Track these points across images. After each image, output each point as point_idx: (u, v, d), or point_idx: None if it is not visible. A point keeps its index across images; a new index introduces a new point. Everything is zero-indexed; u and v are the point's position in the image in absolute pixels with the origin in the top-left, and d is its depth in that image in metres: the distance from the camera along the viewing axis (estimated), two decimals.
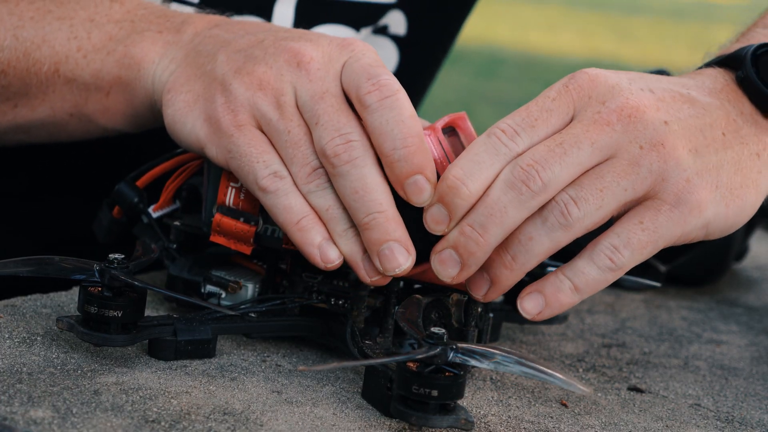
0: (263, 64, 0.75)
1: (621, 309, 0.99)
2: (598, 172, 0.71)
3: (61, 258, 0.73)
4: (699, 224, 0.73)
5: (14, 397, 0.66)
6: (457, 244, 0.71)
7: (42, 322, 0.77)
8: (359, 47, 0.74)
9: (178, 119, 0.77)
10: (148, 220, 0.83)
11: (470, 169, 0.70)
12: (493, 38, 7.60)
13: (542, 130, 0.72)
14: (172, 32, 0.82)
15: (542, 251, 0.71)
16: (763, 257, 1.20)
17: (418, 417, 0.67)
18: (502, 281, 0.73)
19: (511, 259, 0.72)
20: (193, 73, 0.78)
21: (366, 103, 0.71)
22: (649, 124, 0.72)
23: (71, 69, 0.84)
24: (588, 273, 0.72)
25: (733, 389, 0.84)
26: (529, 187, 0.70)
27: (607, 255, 0.72)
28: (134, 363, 0.73)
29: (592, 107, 0.72)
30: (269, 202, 0.73)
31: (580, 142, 0.71)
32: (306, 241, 0.72)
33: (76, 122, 0.86)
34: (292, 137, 0.73)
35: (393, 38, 1.05)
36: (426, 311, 0.76)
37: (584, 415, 0.75)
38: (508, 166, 0.70)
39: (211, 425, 0.66)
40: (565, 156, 0.70)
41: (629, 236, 0.72)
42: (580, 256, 0.73)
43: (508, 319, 0.87)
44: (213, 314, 0.76)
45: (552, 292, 0.73)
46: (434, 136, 0.77)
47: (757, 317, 1.01)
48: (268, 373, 0.75)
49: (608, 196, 0.71)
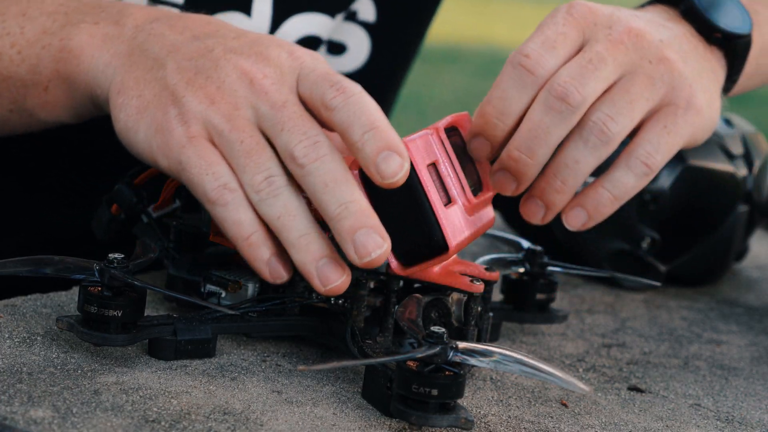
0: (215, 79, 0.75)
1: (621, 309, 0.99)
2: (624, 87, 0.78)
3: (60, 258, 0.73)
4: (702, 126, 0.81)
5: (14, 397, 0.66)
6: (510, 167, 0.77)
7: (42, 322, 0.77)
8: (307, 58, 0.75)
9: (131, 126, 0.76)
10: (147, 219, 0.83)
11: (503, 106, 0.77)
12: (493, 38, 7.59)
13: (562, 50, 0.78)
14: (111, 24, 0.81)
15: (588, 170, 0.78)
16: (763, 257, 1.20)
17: (418, 416, 0.67)
18: (556, 204, 0.79)
19: (562, 184, 0.78)
20: (141, 76, 0.77)
21: (332, 105, 0.72)
22: (652, 42, 0.80)
23: (6, 66, 0.83)
24: (626, 181, 0.79)
25: (733, 389, 0.84)
26: (569, 103, 0.75)
27: (643, 161, 0.79)
28: (134, 363, 0.73)
29: (601, 31, 0.79)
30: (219, 215, 0.73)
31: (605, 58, 0.77)
32: (255, 257, 0.73)
33: (17, 118, 0.85)
34: (244, 146, 0.73)
35: (363, 25, 1.05)
36: (426, 310, 0.76)
37: (584, 415, 0.75)
38: (544, 91, 0.76)
39: (211, 425, 0.66)
40: (596, 71, 0.77)
41: (659, 141, 0.79)
42: (617, 167, 0.79)
43: (508, 319, 0.87)
44: (213, 314, 0.76)
45: (594, 205, 0.79)
46: (436, 135, 0.77)
47: (757, 317, 1.01)
48: (268, 373, 0.75)
49: (637, 108, 0.78)
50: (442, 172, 0.76)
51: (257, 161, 0.72)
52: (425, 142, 0.75)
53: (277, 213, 0.72)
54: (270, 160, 0.72)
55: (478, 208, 0.79)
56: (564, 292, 1.00)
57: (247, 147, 0.73)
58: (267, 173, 0.72)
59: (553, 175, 0.78)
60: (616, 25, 0.79)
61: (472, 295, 0.77)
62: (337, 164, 0.71)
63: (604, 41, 0.78)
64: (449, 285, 0.76)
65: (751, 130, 1.09)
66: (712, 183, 1.03)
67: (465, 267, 0.77)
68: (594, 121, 0.77)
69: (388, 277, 0.76)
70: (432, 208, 0.74)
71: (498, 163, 0.78)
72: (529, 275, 0.87)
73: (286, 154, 0.72)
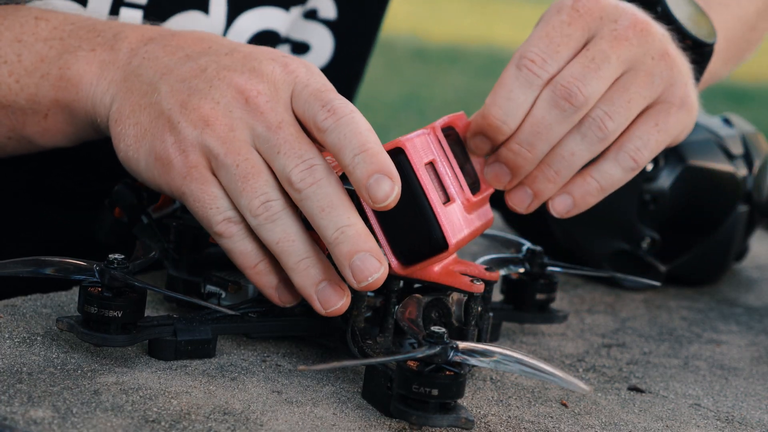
0: (210, 99, 0.75)
1: (621, 309, 0.99)
2: (623, 86, 0.79)
3: (60, 258, 0.73)
4: (688, 124, 0.83)
5: (14, 397, 0.66)
6: (507, 160, 0.79)
7: (42, 322, 0.77)
8: (301, 71, 0.75)
9: (132, 155, 0.77)
10: (147, 220, 0.83)
11: (508, 109, 0.78)
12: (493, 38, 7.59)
13: (565, 53, 0.79)
14: (106, 49, 0.80)
15: (582, 163, 0.80)
16: (763, 257, 1.20)
17: (418, 416, 0.67)
18: (545, 194, 0.81)
19: (555, 174, 0.80)
20: (137, 102, 0.77)
21: (323, 127, 0.72)
22: (657, 36, 0.81)
23: (4, 95, 0.82)
24: (613, 174, 0.81)
25: (733, 389, 0.84)
26: (572, 103, 0.77)
27: (631, 156, 0.81)
28: (134, 363, 0.73)
29: (607, 26, 0.79)
30: (225, 247, 0.75)
31: (608, 57, 0.78)
32: (264, 285, 0.75)
33: (14, 144, 0.85)
34: (240, 171, 0.73)
35: (325, 23, 1.05)
36: (426, 310, 0.76)
37: (584, 415, 0.75)
38: (548, 89, 0.78)
39: (211, 425, 0.66)
40: (599, 71, 0.78)
41: (648, 138, 0.81)
42: (606, 159, 0.81)
43: (508, 319, 0.87)
44: (213, 314, 0.76)
45: (581, 193, 0.81)
46: (434, 134, 0.77)
47: (757, 317, 1.01)
48: (268, 373, 0.75)
49: (633, 106, 0.80)
50: (440, 171, 0.76)
51: (254, 186, 0.73)
52: (423, 141, 0.75)
53: (276, 238, 0.73)
54: (266, 184, 0.73)
55: (476, 206, 0.79)
56: (564, 292, 1.00)
57: (243, 171, 0.73)
58: (264, 198, 0.73)
59: (547, 165, 0.80)
60: (622, 18, 0.80)
61: (473, 295, 0.77)
62: (334, 188, 0.72)
63: (608, 37, 0.79)
64: (449, 285, 0.76)
65: (751, 130, 1.09)
66: (712, 183, 1.03)
67: (465, 267, 0.77)
68: (593, 118, 0.79)
69: (388, 277, 0.76)
70: (431, 207, 0.74)
71: (494, 156, 0.80)
72: (529, 275, 0.87)
73: (284, 178, 0.73)
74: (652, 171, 1.01)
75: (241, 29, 0.98)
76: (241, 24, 0.98)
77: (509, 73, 0.78)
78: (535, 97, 0.78)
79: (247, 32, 0.98)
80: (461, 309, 0.78)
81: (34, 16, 0.83)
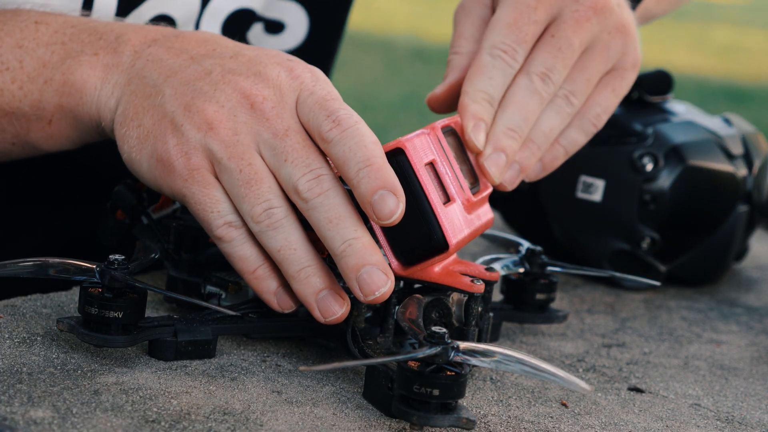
0: (214, 102, 0.74)
1: (621, 309, 0.99)
2: (582, 66, 0.87)
3: (61, 259, 0.73)
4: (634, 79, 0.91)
5: (14, 397, 0.66)
6: (504, 146, 0.83)
7: (42, 322, 0.77)
8: (307, 76, 0.75)
9: (134, 158, 0.77)
10: (147, 220, 0.83)
11: (492, 90, 0.83)
12: None
13: (532, 40, 0.85)
14: (109, 53, 0.80)
15: (557, 132, 0.87)
16: (763, 257, 1.20)
17: (419, 416, 0.67)
18: (529, 167, 0.86)
19: (537, 148, 0.86)
20: (140, 104, 0.77)
21: (328, 138, 0.72)
22: (613, 10, 0.87)
23: (8, 102, 0.82)
24: (577, 138, 0.88)
25: (733, 389, 0.84)
26: (548, 91, 0.85)
27: (593, 122, 0.88)
28: (134, 363, 0.73)
29: (569, 7, 0.86)
30: (225, 251, 0.75)
31: (572, 43, 0.85)
32: (263, 290, 0.75)
33: (19, 150, 0.85)
34: (243, 176, 0.73)
35: (299, 1, 1.04)
36: (426, 310, 0.76)
37: (584, 415, 0.75)
38: (524, 77, 0.84)
39: (211, 425, 0.66)
40: (566, 59, 0.85)
41: (607, 104, 0.88)
42: (571, 126, 0.88)
43: (508, 319, 0.87)
44: (213, 315, 0.76)
45: (549, 158, 0.88)
46: (434, 135, 0.77)
47: (757, 317, 1.01)
48: (268, 373, 0.75)
49: (593, 80, 0.87)
50: (440, 171, 0.76)
51: (256, 192, 0.73)
52: (423, 141, 0.75)
53: (278, 246, 0.73)
54: (269, 191, 0.73)
55: (476, 206, 0.79)
56: (564, 292, 1.00)
57: (246, 176, 0.73)
58: (266, 204, 0.73)
59: (531, 141, 0.85)
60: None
61: (473, 296, 0.77)
62: (341, 198, 0.72)
63: (571, 21, 0.85)
64: (450, 285, 0.76)
65: (751, 130, 1.09)
66: (712, 183, 1.03)
67: (465, 267, 0.77)
68: (561, 96, 0.86)
69: None
70: (431, 207, 0.74)
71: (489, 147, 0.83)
72: (529, 275, 0.87)
73: (290, 187, 0.72)
74: (652, 171, 1.01)
75: (217, 8, 0.97)
76: (217, 3, 0.97)
77: (484, 61, 0.84)
78: (510, 80, 0.84)
79: (223, 11, 0.97)
80: (461, 309, 0.78)
81: (34, 21, 0.83)
